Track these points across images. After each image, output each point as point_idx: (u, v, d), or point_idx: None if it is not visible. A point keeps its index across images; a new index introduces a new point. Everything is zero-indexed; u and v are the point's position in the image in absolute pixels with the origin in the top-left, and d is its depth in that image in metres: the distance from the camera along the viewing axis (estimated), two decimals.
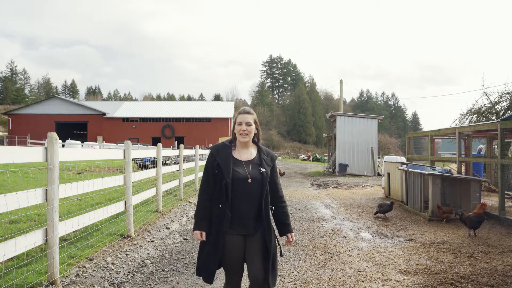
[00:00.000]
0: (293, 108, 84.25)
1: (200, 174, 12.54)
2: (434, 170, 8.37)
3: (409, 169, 8.92)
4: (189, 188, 11.75)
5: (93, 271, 4.12)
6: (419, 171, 8.38)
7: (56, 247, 3.52)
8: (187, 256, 5.13)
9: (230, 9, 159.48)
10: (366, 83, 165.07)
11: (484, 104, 15.35)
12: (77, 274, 3.93)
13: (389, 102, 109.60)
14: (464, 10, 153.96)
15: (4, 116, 44.49)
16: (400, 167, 9.81)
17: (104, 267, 4.30)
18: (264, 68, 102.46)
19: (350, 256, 5.33)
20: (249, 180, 2.63)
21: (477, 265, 4.90)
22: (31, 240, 3.23)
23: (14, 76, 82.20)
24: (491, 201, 9.74)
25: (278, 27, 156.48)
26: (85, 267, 4.17)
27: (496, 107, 14.75)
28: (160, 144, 8.18)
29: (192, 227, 6.94)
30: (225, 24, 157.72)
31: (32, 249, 3.82)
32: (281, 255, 2.84)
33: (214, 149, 2.76)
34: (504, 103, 14.61)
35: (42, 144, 29.38)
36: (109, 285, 3.90)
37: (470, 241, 6.19)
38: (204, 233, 2.66)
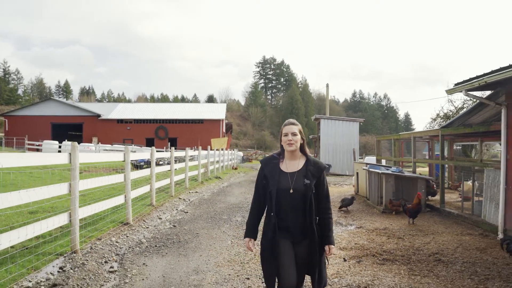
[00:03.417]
0: (286, 109, 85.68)
1: (190, 173, 13.87)
2: (387, 169, 9.78)
3: (370, 169, 10.32)
4: (180, 186, 13.04)
5: (103, 246, 5.44)
6: (376, 170, 9.79)
7: (77, 225, 4.84)
8: (174, 237, 6.46)
9: (224, 10, 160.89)
10: (359, 84, 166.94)
11: (450, 110, 16.88)
12: (91, 248, 5.25)
13: (382, 103, 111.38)
14: (460, 10, 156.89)
15: (1, 117, 45.37)
16: (364, 167, 11.21)
17: (110, 244, 5.62)
18: (258, 69, 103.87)
19: None
20: (291, 191, 2.77)
21: (401, 244, 6.29)
22: (62, 219, 4.57)
23: (7, 76, 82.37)
24: (449, 198, 11.14)
25: (272, 28, 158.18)
26: (96, 243, 5.49)
27: (460, 113, 16.24)
28: (153, 148, 9.49)
29: (180, 217, 8.29)
30: (220, 25, 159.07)
31: (55, 228, 5.13)
32: (328, 263, 2.94)
33: (264, 161, 2.96)
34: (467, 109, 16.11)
35: (39, 145, 30.47)
36: (115, 255, 5.23)
37: (407, 227, 7.59)
38: (252, 240, 2.90)
